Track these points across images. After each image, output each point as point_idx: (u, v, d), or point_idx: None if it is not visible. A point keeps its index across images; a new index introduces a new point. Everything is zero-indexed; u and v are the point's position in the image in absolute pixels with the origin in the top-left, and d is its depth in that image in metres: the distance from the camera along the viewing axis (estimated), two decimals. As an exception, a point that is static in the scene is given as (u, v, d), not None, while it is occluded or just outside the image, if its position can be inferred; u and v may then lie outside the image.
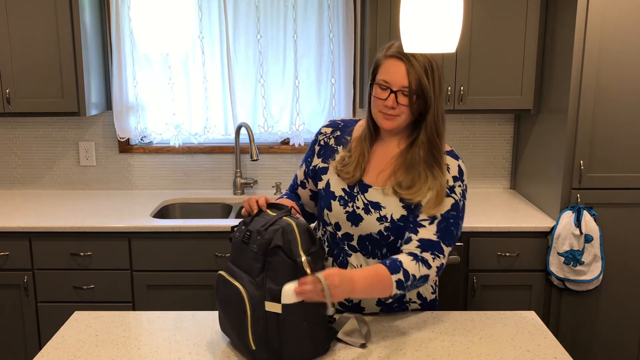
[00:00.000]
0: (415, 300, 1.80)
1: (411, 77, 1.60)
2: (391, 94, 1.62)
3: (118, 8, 3.09)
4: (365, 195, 1.70)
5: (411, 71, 1.60)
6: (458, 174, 1.68)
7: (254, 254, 1.51)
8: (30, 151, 3.35)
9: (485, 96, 2.94)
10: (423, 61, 1.61)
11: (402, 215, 1.67)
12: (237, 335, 1.51)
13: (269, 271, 1.48)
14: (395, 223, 1.67)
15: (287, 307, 1.44)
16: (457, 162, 1.70)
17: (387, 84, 1.63)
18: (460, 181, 1.68)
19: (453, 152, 1.74)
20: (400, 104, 1.62)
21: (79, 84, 2.91)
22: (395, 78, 1.61)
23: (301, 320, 1.47)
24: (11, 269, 2.76)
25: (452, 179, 1.67)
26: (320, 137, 1.84)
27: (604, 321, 2.81)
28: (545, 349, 1.59)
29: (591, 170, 2.69)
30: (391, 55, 1.63)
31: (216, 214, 3.22)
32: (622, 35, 2.57)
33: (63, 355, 1.55)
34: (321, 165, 1.80)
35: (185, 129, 3.27)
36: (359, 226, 1.71)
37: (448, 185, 1.66)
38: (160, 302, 2.79)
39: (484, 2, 2.85)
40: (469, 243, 2.75)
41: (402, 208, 1.67)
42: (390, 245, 1.71)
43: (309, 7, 3.15)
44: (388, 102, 1.62)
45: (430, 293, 1.83)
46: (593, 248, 2.65)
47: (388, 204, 1.68)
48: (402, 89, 1.61)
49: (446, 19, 1.77)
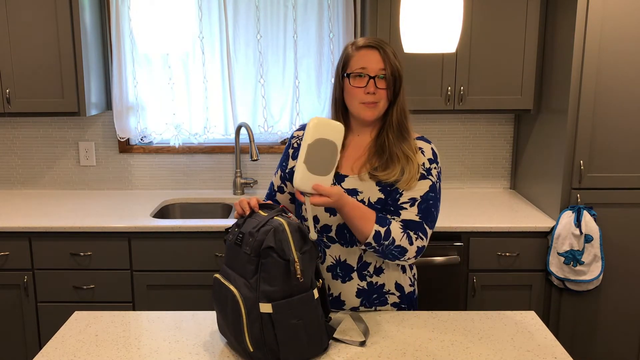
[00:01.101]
0: (394, 291, 1.81)
1: (386, 60, 1.70)
2: (370, 79, 1.69)
3: (118, 8, 3.09)
4: (342, 185, 1.75)
5: (385, 56, 1.70)
6: (432, 156, 1.75)
7: (247, 257, 1.51)
8: (30, 151, 3.35)
9: (485, 96, 2.94)
10: (391, 48, 1.73)
11: (379, 198, 1.72)
12: (235, 337, 1.52)
13: (262, 272, 1.48)
14: (372, 206, 1.72)
15: (277, 306, 1.45)
16: (430, 145, 1.77)
17: (364, 70, 1.70)
18: (435, 163, 1.75)
19: (424, 137, 1.80)
20: (379, 88, 1.70)
21: (79, 84, 2.91)
22: (371, 63, 1.70)
23: (294, 318, 1.47)
24: (11, 269, 2.76)
25: (427, 162, 1.73)
26: (293, 140, 1.89)
27: (604, 321, 2.81)
28: (545, 349, 1.59)
29: (591, 170, 2.69)
30: (362, 46, 1.73)
31: (216, 214, 3.22)
32: (622, 35, 2.57)
33: (63, 355, 1.55)
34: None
35: (185, 129, 3.27)
36: (337, 215, 1.74)
37: (424, 167, 1.72)
38: (160, 302, 2.79)
39: (484, 2, 2.85)
40: (469, 243, 2.75)
41: (378, 191, 1.72)
42: None
43: (309, 7, 3.15)
44: (369, 87, 1.69)
45: (408, 285, 1.85)
46: (593, 248, 2.65)
47: (365, 188, 1.73)
48: (379, 72, 1.69)
49: (446, 19, 1.77)
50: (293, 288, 1.48)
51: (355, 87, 1.71)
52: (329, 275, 1.78)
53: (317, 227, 1.77)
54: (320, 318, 1.54)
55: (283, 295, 1.47)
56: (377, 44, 1.71)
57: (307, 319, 1.49)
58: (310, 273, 1.53)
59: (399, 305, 1.83)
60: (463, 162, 3.37)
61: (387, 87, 1.71)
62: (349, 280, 1.77)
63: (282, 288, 1.47)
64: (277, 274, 1.47)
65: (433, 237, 2.68)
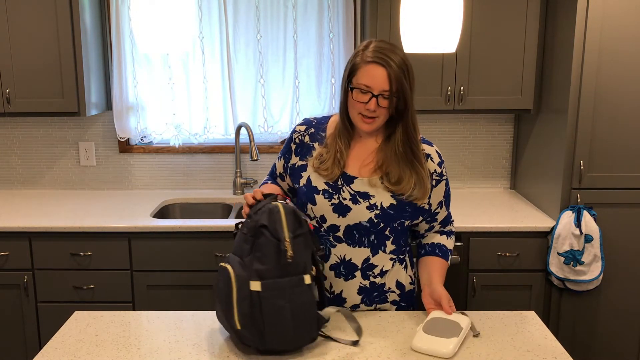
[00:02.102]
0: (394, 289, 1.82)
1: (392, 81, 1.64)
2: (372, 97, 1.65)
3: (118, 8, 3.09)
4: (352, 187, 1.74)
5: (392, 75, 1.64)
6: (439, 158, 1.81)
7: (244, 236, 1.58)
8: (30, 151, 3.35)
9: (485, 96, 2.94)
10: (399, 62, 1.65)
11: (391, 204, 1.73)
12: (225, 317, 1.55)
13: (256, 252, 1.53)
14: (385, 210, 1.72)
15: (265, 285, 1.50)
16: (434, 149, 1.81)
17: (368, 88, 1.66)
18: (443, 163, 1.82)
19: (424, 138, 1.81)
20: (381, 107, 1.67)
21: (79, 84, 2.91)
22: (376, 82, 1.65)
23: (281, 299, 1.50)
24: (11, 269, 2.76)
25: (438, 166, 1.79)
26: (295, 135, 1.87)
27: (604, 321, 2.82)
28: (545, 349, 1.59)
29: (591, 170, 2.69)
30: (371, 61, 1.66)
31: (216, 214, 3.22)
32: (622, 35, 2.57)
33: (63, 355, 1.55)
34: (299, 163, 1.84)
35: (185, 129, 3.27)
36: (346, 216, 1.74)
37: (437, 173, 1.78)
38: (160, 302, 2.79)
39: (484, 2, 2.85)
40: (469, 243, 2.75)
41: (391, 197, 1.73)
42: (379, 232, 1.75)
43: (309, 7, 3.15)
44: (370, 105, 1.66)
45: (408, 283, 1.86)
46: (593, 248, 2.65)
47: (377, 193, 1.73)
48: (382, 92, 1.65)
49: (446, 19, 1.77)
50: (284, 269, 1.51)
51: (356, 102, 1.69)
52: (332, 273, 1.78)
53: (324, 227, 1.77)
54: (309, 305, 1.55)
55: (274, 275, 1.51)
56: (385, 61, 1.64)
57: (295, 303, 1.51)
58: (303, 257, 1.56)
59: (398, 304, 1.83)
60: (463, 162, 3.37)
61: (389, 107, 1.68)
62: (351, 279, 1.77)
63: (274, 267, 1.51)
64: (268, 252, 1.52)
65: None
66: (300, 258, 1.54)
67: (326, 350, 1.57)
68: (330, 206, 1.74)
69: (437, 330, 1.59)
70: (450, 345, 1.53)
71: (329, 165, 1.75)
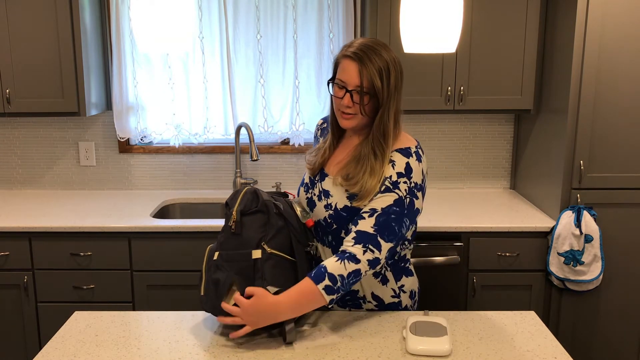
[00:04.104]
0: (371, 300, 1.81)
1: (363, 77, 1.63)
2: (346, 93, 1.66)
3: (118, 8, 3.09)
4: (322, 184, 1.79)
5: (363, 71, 1.63)
6: (404, 170, 1.66)
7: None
8: (30, 151, 3.35)
9: (485, 96, 2.94)
10: (379, 63, 1.63)
11: (345, 206, 1.71)
12: (198, 287, 1.71)
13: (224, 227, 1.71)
14: (338, 212, 1.72)
15: (220, 255, 1.66)
16: (405, 160, 1.67)
17: (343, 83, 1.68)
18: (406, 178, 1.65)
19: (409, 149, 1.70)
20: (356, 103, 1.67)
21: (79, 84, 2.91)
22: (350, 77, 1.65)
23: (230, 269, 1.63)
24: (11, 269, 2.76)
25: (396, 175, 1.65)
26: (315, 129, 2.00)
27: (604, 321, 2.82)
28: (545, 349, 1.59)
29: (591, 170, 2.69)
30: (347, 55, 1.67)
31: (216, 214, 3.22)
32: (622, 35, 2.57)
33: (63, 355, 1.55)
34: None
35: (185, 129, 3.27)
36: (313, 212, 1.80)
37: (391, 180, 1.64)
38: (160, 302, 2.79)
39: (484, 2, 2.85)
40: (469, 243, 2.75)
41: (346, 199, 1.71)
42: (334, 233, 1.76)
43: (309, 7, 3.15)
44: (344, 101, 1.67)
45: (390, 296, 1.80)
46: (593, 248, 2.65)
47: (335, 193, 1.74)
48: (356, 88, 1.65)
49: (446, 19, 1.77)
50: (234, 241, 1.65)
51: (335, 97, 1.72)
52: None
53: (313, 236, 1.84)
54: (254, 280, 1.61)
55: (228, 247, 1.66)
56: (359, 57, 1.62)
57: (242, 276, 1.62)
58: (255, 234, 1.64)
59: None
60: (463, 162, 3.37)
61: (360, 104, 1.65)
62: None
63: (227, 239, 1.67)
64: (225, 225, 1.70)
65: (433, 237, 2.72)
66: (249, 233, 1.64)
67: (326, 349, 1.57)
68: (306, 200, 1.83)
69: (425, 331, 1.59)
70: (446, 344, 1.54)
71: (312, 159, 1.83)
